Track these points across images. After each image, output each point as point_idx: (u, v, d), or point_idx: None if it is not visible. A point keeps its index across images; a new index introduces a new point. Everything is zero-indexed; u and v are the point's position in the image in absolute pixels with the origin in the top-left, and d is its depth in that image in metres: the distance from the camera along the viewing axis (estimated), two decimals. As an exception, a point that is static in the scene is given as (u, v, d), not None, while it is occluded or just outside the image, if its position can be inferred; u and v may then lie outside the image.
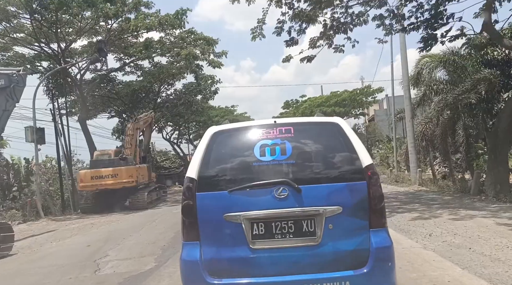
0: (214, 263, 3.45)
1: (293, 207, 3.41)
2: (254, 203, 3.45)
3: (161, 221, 13.93)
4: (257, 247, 3.41)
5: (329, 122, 3.93)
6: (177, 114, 41.30)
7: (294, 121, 4.00)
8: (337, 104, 46.73)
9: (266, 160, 3.56)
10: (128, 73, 32.16)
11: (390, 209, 11.57)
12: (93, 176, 19.75)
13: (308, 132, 3.85)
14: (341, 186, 3.49)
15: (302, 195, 3.43)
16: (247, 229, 3.42)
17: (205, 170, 3.60)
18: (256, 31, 15.14)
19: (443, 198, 13.93)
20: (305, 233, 3.42)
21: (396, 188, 19.58)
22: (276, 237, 3.42)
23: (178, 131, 51.27)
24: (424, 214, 10.40)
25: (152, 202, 21.61)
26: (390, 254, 3.48)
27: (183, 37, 25.47)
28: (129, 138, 22.60)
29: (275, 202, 3.42)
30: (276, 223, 3.42)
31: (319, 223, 3.40)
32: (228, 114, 52.79)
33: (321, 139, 3.77)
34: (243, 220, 3.42)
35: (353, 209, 3.45)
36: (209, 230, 3.51)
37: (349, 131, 3.72)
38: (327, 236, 3.39)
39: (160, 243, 9.34)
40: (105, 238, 11.05)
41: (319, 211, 3.40)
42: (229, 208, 3.46)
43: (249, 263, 3.40)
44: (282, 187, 3.43)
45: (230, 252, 3.44)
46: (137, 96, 32.92)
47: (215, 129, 3.88)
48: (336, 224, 3.41)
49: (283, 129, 3.69)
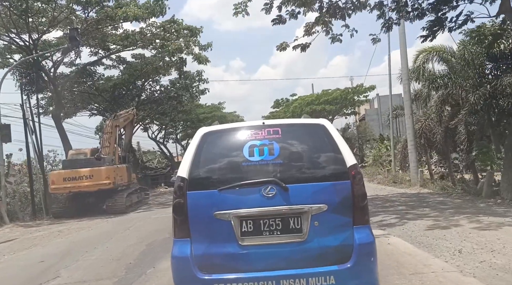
0: (205, 259, 3.51)
1: (281, 205, 3.51)
2: (243, 201, 3.54)
3: (136, 228, 12.28)
4: (246, 243, 3.49)
5: (315, 124, 3.99)
6: (162, 112, 39.64)
7: (282, 123, 4.07)
8: (328, 103, 45.27)
9: (254, 159, 3.65)
10: (110, 67, 30.38)
11: (398, 215, 10.08)
12: (66, 177, 17.97)
13: (295, 133, 3.93)
14: (327, 185, 3.59)
15: (289, 194, 3.52)
16: (236, 226, 3.50)
17: (196, 169, 3.68)
18: (240, 6, 13.54)
19: (453, 201, 12.48)
20: (292, 230, 3.51)
21: (396, 189, 18.13)
22: (264, 234, 3.51)
23: (165, 130, 49.47)
24: (439, 221, 8.92)
25: (132, 205, 19.91)
26: (372, 249, 3.57)
27: (166, 28, 23.73)
28: (108, 136, 20.87)
29: (263, 200, 3.51)
30: (264, 221, 3.52)
31: (305, 220, 3.50)
32: (216, 111, 51.11)
33: (308, 140, 3.86)
34: (233, 217, 3.50)
35: (338, 206, 3.54)
36: (200, 228, 3.57)
37: (334, 132, 3.84)
38: (313, 232, 3.49)
39: (126, 259, 7.70)
40: (65, 251, 9.37)
41: (305, 209, 3.51)
42: (219, 206, 3.53)
43: (238, 259, 3.48)
44: (270, 186, 3.52)
45: (220, 248, 3.51)
46: (119, 92, 31.12)
47: (206, 130, 3.95)
48: (322, 221, 3.51)
49: (271, 130, 3.79)
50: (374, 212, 11.02)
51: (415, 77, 19.53)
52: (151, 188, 38.18)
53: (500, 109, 16.08)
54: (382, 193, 16.75)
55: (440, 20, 12.26)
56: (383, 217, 9.98)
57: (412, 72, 20.15)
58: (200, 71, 31.66)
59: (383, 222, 9.34)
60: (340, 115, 50.74)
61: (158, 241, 9.36)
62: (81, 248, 9.43)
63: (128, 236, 10.76)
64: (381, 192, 17.16)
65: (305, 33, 14.29)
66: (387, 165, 31.86)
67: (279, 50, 14.57)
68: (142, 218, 15.24)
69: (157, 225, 12.44)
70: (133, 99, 33.08)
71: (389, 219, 9.65)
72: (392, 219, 9.63)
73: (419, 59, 19.04)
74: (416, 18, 13.32)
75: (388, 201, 13.66)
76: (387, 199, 14.46)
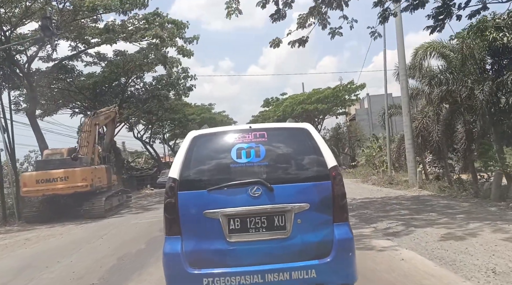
0: (194, 255, 3.66)
1: (266, 204, 3.70)
2: (230, 201, 3.72)
3: (110, 237, 11.00)
4: (233, 240, 3.67)
5: (299, 128, 4.20)
6: (148, 111, 38.24)
7: (268, 127, 4.26)
8: (319, 101, 44.20)
9: (242, 161, 3.83)
10: (90, 64, 28.90)
11: (404, 221, 8.96)
12: (39, 179, 16.61)
13: (280, 136, 4.10)
14: (309, 185, 3.80)
15: (274, 193, 3.72)
16: (224, 224, 3.68)
17: (186, 171, 3.83)
18: (231, 5, 12.33)
19: (460, 204, 11.41)
20: (276, 227, 3.70)
21: (393, 191, 17.07)
22: (251, 231, 3.69)
23: (151, 130, 48.01)
24: (453, 228, 7.81)
25: (112, 209, 18.60)
26: (351, 245, 3.78)
27: (149, 20, 22.39)
28: (86, 135, 19.55)
29: (250, 200, 3.70)
30: (251, 219, 3.70)
31: (289, 218, 3.70)
32: (205, 112, 49.83)
33: (292, 143, 4.05)
34: (221, 216, 3.68)
35: (319, 205, 3.74)
36: (190, 226, 3.72)
37: (316, 136, 4.04)
38: (296, 229, 3.69)
39: (89, 278, 6.45)
40: (23, 266, 8.09)
41: (289, 208, 3.70)
42: (208, 205, 3.71)
43: (226, 255, 3.66)
44: (256, 186, 3.71)
45: (209, 245, 3.67)
46: (101, 89, 29.70)
47: (196, 133, 4.12)
48: (304, 219, 3.70)
49: (257, 134, 3.98)
50: (376, 218, 9.91)
51: (413, 74, 18.55)
52: (137, 189, 36.86)
53: (502, 106, 15.20)
54: (379, 195, 15.68)
55: (447, 6, 11.14)
56: (388, 224, 8.86)
57: (409, 69, 19.18)
58: (185, 68, 30.38)
59: (388, 230, 8.22)
60: (331, 115, 49.82)
61: (131, 254, 8.13)
62: (43, 262, 8.16)
63: (100, 247, 9.48)
64: (378, 194, 16.08)
65: (298, 25, 13.07)
66: (380, 165, 30.95)
67: (272, 46, 13.24)
68: (119, 224, 13.97)
69: (134, 233, 11.20)
70: (116, 97, 31.69)
71: (395, 226, 8.53)
72: (398, 226, 8.51)
73: (418, 56, 18.07)
74: (417, 7, 12.18)
75: (388, 204, 12.57)
76: (386, 202, 13.37)
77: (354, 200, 14.68)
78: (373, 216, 10.20)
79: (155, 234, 10.34)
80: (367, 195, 16.15)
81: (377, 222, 9.17)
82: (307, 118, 49.87)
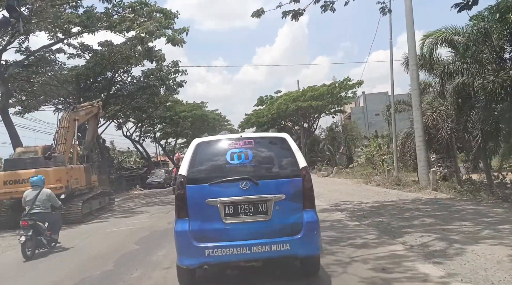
0: (199, 233, 4.80)
1: (253, 195, 4.86)
2: (226, 192, 4.87)
3: (76, 251, 9.14)
4: (228, 221, 4.84)
5: (278, 137, 5.47)
6: (137, 107, 36.32)
7: (254, 136, 5.54)
8: (314, 99, 42.45)
9: (234, 163, 5.01)
10: (74, 57, 26.98)
11: (437, 235, 7.20)
12: (7, 180, 14.73)
13: (263, 143, 5.35)
14: (285, 181, 5.00)
15: (259, 187, 4.87)
16: (221, 210, 4.83)
17: (192, 169, 5.00)
18: None
19: (493, 211, 9.70)
20: (260, 212, 4.86)
21: (403, 194, 15.34)
22: (241, 215, 4.86)
23: (141, 128, 46.01)
24: (510, 246, 6.07)
25: (92, 213, 16.78)
26: (316, 226, 5.00)
27: (135, 9, 20.55)
28: (63, 131, 17.69)
29: (241, 191, 4.86)
30: (241, 206, 4.86)
31: (270, 206, 4.87)
32: (197, 109, 47.90)
33: (273, 149, 5.30)
34: (219, 203, 4.83)
35: (292, 196, 4.93)
36: (195, 210, 4.87)
37: (292, 143, 5.27)
38: (275, 214, 4.86)
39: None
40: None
41: (270, 198, 4.87)
42: (209, 195, 4.85)
43: (222, 232, 4.81)
44: (245, 181, 4.87)
45: (210, 225, 4.83)
46: (85, 84, 27.77)
47: (199, 140, 5.32)
48: (281, 206, 4.88)
49: (246, 141, 5.16)
50: (398, 228, 8.16)
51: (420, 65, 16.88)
52: (125, 190, 34.95)
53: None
54: (389, 198, 13.97)
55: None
56: (419, 238, 7.12)
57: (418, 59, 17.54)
58: (176, 61, 28.58)
59: (425, 248, 6.40)
60: (326, 114, 48.16)
61: (93, 278, 6.30)
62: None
63: (58, 265, 7.63)
64: (387, 197, 14.37)
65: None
66: (380, 165, 29.32)
67: (255, 16, 11.47)
68: (94, 232, 12.15)
69: (106, 245, 9.38)
70: (103, 92, 29.79)
71: (430, 242, 6.77)
72: (434, 242, 6.73)
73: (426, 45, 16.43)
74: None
75: (405, 210, 10.86)
76: (400, 206, 11.66)
77: (362, 204, 12.96)
78: (394, 226, 8.47)
79: (130, 248, 8.55)
80: (375, 198, 14.46)
81: (403, 235, 7.43)
82: (302, 117, 48.26)
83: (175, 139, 58.63)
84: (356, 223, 9.45)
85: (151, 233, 10.63)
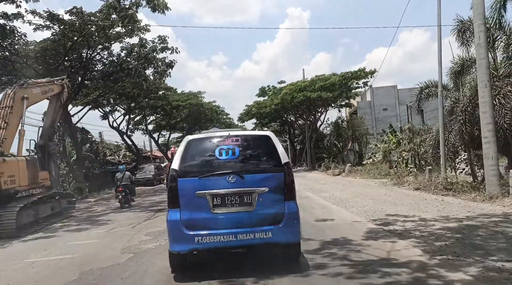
0: (189, 222, 5.32)
1: (239, 187, 5.39)
2: (214, 185, 5.39)
3: None
4: (216, 211, 5.37)
5: (263, 135, 6.06)
6: (123, 94, 31.76)
7: (241, 134, 5.99)
8: (324, 89, 37.74)
9: (222, 158, 5.55)
10: (42, 28, 22.36)
11: None
12: None
13: (249, 141, 5.86)
14: (268, 175, 5.56)
15: (244, 181, 5.41)
16: (210, 201, 5.36)
17: (183, 164, 5.51)
18: None
19: None
20: (245, 203, 5.41)
21: (471, 205, 10.76)
22: (228, 205, 5.39)
23: (129, 117, 41.43)
24: None
25: (35, 224, 12.36)
26: (296, 215, 5.54)
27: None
28: (5, 112, 13.30)
29: (228, 184, 5.39)
30: (228, 197, 5.39)
31: (254, 197, 5.40)
32: (192, 98, 43.32)
33: (257, 146, 5.84)
34: (208, 195, 5.36)
35: (275, 189, 5.48)
36: (186, 201, 5.38)
37: (275, 140, 5.81)
38: (259, 205, 5.40)
39: None
40: None
41: (254, 190, 5.41)
42: (199, 188, 5.37)
43: (210, 221, 5.34)
44: (232, 175, 5.41)
45: (199, 215, 5.35)
46: (55, 60, 23.14)
47: (190, 137, 5.89)
48: (264, 198, 5.42)
49: (233, 138, 5.71)
50: None
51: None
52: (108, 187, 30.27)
53: None
54: (456, 212, 9.48)
55: None
56: None
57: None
58: (162, 36, 24.01)
59: None
60: (333, 107, 43.62)
61: None
62: None
63: None
64: (452, 210, 9.87)
65: None
66: (400, 162, 24.86)
67: None
68: (12, 259, 7.62)
69: None
70: (77, 73, 25.21)
71: None
72: None
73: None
74: None
75: (504, 235, 6.35)
76: (494, 229, 7.18)
77: (426, 222, 8.43)
78: None
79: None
80: (434, 210, 9.98)
81: None
82: (307, 109, 43.69)
83: (169, 133, 54.21)
84: (461, 274, 4.94)
85: (78, 278, 6.08)
